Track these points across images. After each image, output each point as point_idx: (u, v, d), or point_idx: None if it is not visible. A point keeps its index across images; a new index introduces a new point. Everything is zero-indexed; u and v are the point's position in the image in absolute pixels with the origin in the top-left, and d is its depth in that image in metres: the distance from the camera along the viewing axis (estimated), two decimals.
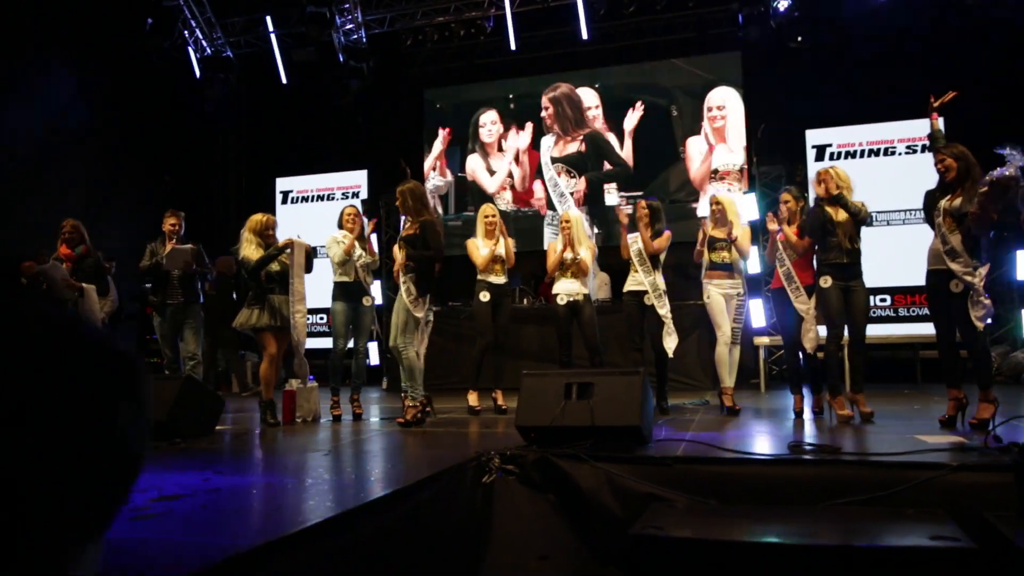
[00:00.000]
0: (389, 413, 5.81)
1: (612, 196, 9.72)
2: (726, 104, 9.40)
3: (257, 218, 5.48)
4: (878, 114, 8.25)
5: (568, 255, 5.71)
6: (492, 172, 10.19)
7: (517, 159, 10.15)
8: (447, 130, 10.41)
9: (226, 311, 8.35)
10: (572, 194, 9.80)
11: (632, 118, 9.70)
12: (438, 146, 10.44)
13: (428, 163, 10.46)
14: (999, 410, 4.14)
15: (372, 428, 5.06)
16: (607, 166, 9.77)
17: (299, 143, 10.65)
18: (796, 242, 4.98)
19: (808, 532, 2.71)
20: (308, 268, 5.48)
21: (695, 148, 9.53)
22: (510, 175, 10.14)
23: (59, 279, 5.89)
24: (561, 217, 5.95)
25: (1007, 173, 3.84)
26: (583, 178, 9.81)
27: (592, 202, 9.74)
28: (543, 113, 10.05)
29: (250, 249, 5.33)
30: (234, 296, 8.25)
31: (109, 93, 9.96)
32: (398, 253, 5.35)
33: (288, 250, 5.36)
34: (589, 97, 9.94)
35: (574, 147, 9.92)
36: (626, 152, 9.69)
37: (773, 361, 8.28)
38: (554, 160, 9.94)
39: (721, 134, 9.40)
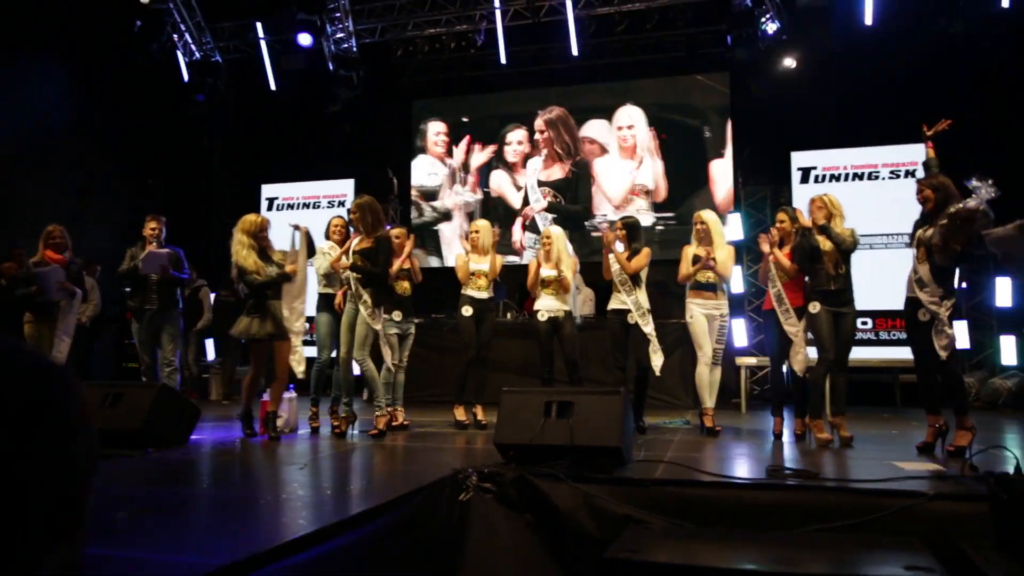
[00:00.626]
0: (366, 426, 5.76)
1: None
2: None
3: (250, 219, 5.19)
4: (863, 138, 8.34)
5: (550, 272, 5.70)
6: (519, 188, 10.16)
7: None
8: (491, 146, 10.27)
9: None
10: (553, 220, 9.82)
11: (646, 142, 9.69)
12: (455, 156, 10.36)
13: (441, 177, 10.43)
14: (976, 437, 4.16)
15: (350, 442, 5.00)
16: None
17: (286, 150, 10.60)
18: (787, 266, 5.00)
19: (784, 559, 2.70)
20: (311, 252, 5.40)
21: (719, 171, 9.51)
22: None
23: (55, 283, 5.84)
24: (543, 233, 5.94)
25: (969, 206, 3.89)
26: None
27: (572, 226, 9.76)
28: (536, 135, 10.02)
29: (244, 253, 5.02)
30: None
31: (95, 96, 9.88)
32: (346, 266, 5.24)
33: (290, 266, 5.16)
34: (628, 116, 9.79)
35: (558, 172, 9.93)
36: (649, 173, 9.62)
37: (755, 381, 8.30)
38: (540, 183, 9.94)
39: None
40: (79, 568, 0.64)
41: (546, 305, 5.71)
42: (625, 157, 9.69)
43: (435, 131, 10.44)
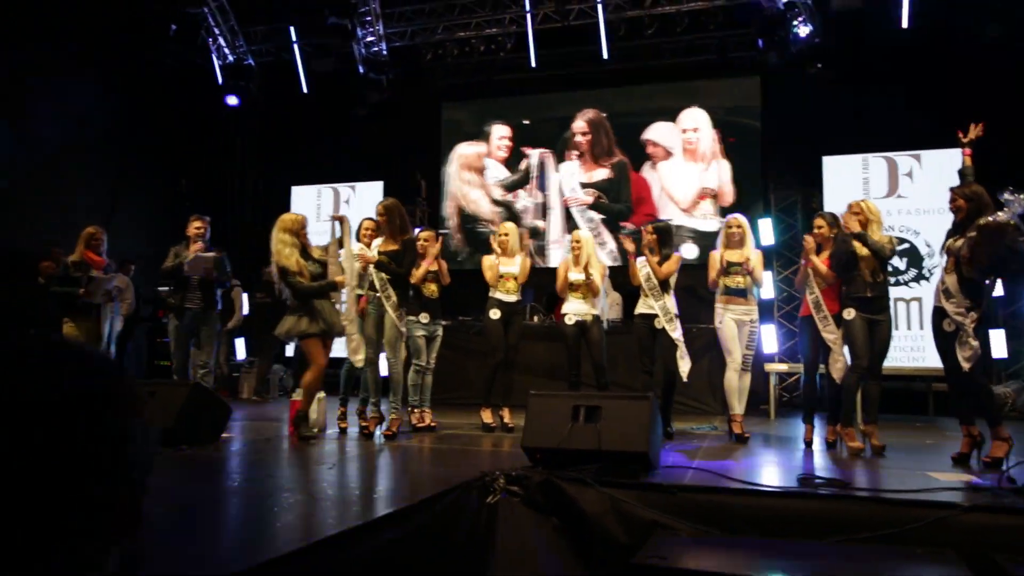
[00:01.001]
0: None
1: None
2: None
3: (290, 217, 5.20)
4: (896, 143, 8.21)
5: (578, 276, 5.70)
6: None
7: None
8: (545, 151, 10.16)
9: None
10: (603, 220, 9.75)
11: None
12: (495, 159, 10.34)
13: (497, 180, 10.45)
14: (1013, 448, 4.07)
15: (377, 443, 5.04)
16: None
17: (316, 152, 10.70)
18: (825, 272, 4.94)
19: (815, 569, 2.67)
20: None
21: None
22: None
23: (103, 291, 6.01)
24: (572, 237, 5.93)
25: (999, 219, 3.83)
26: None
27: (613, 227, 9.71)
28: (578, 137, 9.91)
29: (286, 252, 4.99)
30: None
31: (130, 97, 10.06)
32: (372, 259, 5.27)
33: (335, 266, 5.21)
34: (693, 119, 9.61)
35: (602, 173, 9.85)
36: (715, 176, 9.48)
37: (784, 388, 8.21)
38: (584, 185, 9.89)
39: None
40: (140, 564, 0.67)
41: (574, 309, 5.71)
42: (690, 160, 9.53)
43: (499, 135, 10.36)
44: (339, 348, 5.63)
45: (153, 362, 9.50)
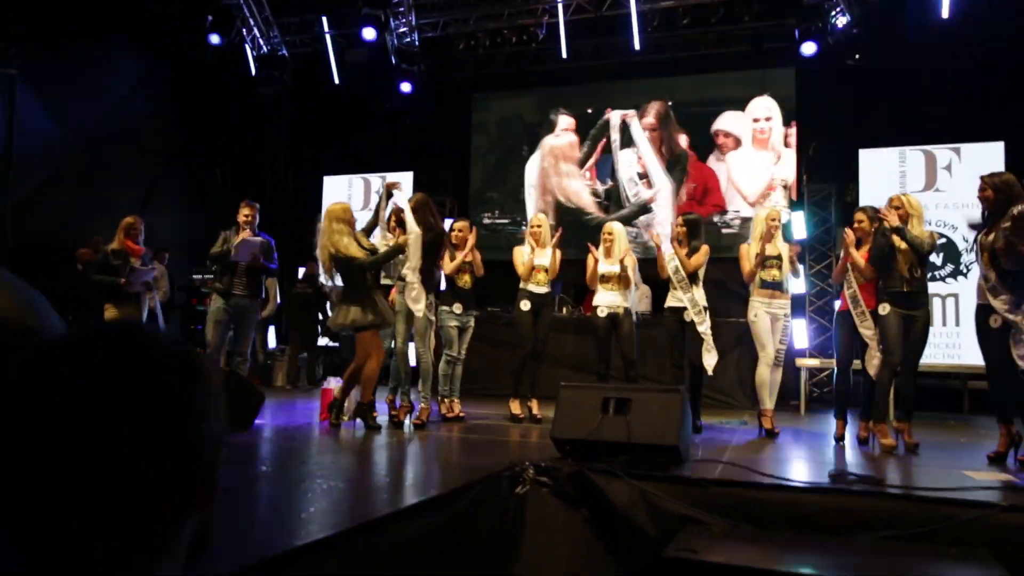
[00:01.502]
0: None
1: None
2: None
3: (339, 206, 5.10)
4: (934, 137, 8.05)
5: (612, 267, 5.68)
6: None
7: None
8: (629, 112, 9.90)
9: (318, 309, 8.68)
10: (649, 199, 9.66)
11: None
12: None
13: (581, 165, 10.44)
14: None
15: (407, 432, 5.08)
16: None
17: (347, 143, 10.79)
18: (864, 267, 4.88)
19: (846, 566, 2.65)
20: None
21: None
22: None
23: (142, 283, 6.20)
24: (604, 229, 5.88)
25: None
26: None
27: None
28: (647, 132, 9.80)
29: (345, 242, 4.89)
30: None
31: (167, 86, 10.23)
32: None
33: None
34: (765, 108, 9.41)
35: (662, 162, 9.74)
36: (786, 167, 9.27)
37: (815, 383, 8.13)
38: (641, 176, 9.77)
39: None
40: (211, 534, 0.72)
41: (606, 301, 5.68)
42: (760, 149, 9.35)
43: (563, 126, 10.26)
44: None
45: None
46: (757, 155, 9.33)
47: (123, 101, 9.52)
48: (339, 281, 5.16)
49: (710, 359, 5.35)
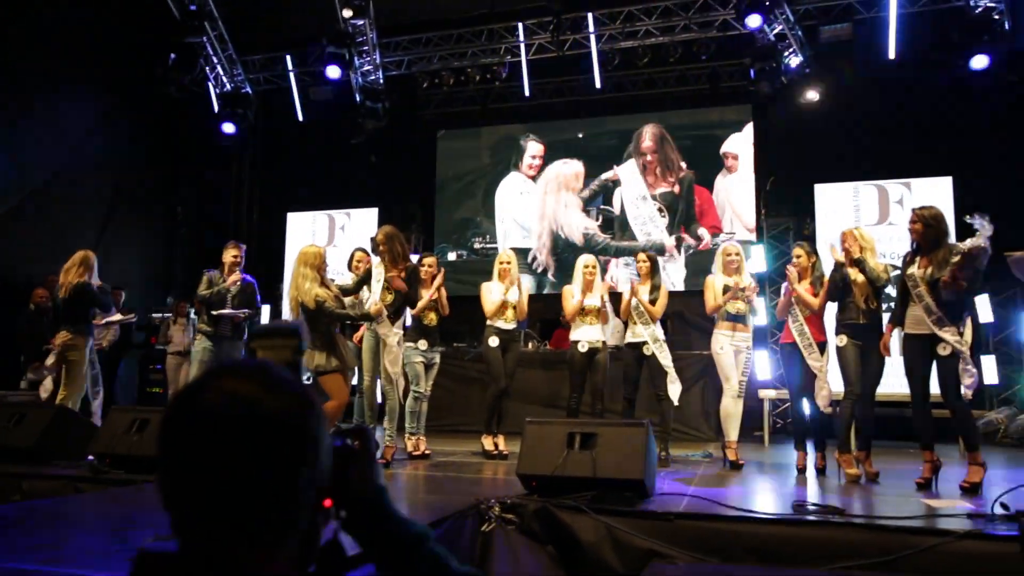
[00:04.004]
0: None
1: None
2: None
3: (312, 251, 4.97)
4: (886, 172, 8.32)
5: (594, 302, 5.69)
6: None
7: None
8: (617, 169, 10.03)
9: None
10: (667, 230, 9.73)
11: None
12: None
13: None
14: (1003, 476, 4.11)
15: None
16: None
17: (312, 179, 10.77)
18: (810, 301, 5.00)
19: None
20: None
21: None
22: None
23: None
24: (585, 263, 5.79)
25: (978, 244, 3.92)
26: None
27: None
28: (646, 155, 9.88)
29: (306, 287, 4.78)
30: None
31: (127, 124, 10.14)
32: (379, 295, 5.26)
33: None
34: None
35: (667, 186, 9.84)
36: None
37: (777, 414, 8.22)
38: (647, 198, 9.87)
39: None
40: (317, 544, 0.92)
41: (588, 335, 5.67)
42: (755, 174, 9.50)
43: (532, 153, 10.36)
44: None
45: (144, 389, 9.43)
46: (753, 180, 9.53)
47: (82, 139, 9.40)
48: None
49: (675, 389, 5.42)
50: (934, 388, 4.40)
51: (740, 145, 9.63)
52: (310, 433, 0.83)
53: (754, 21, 8.00)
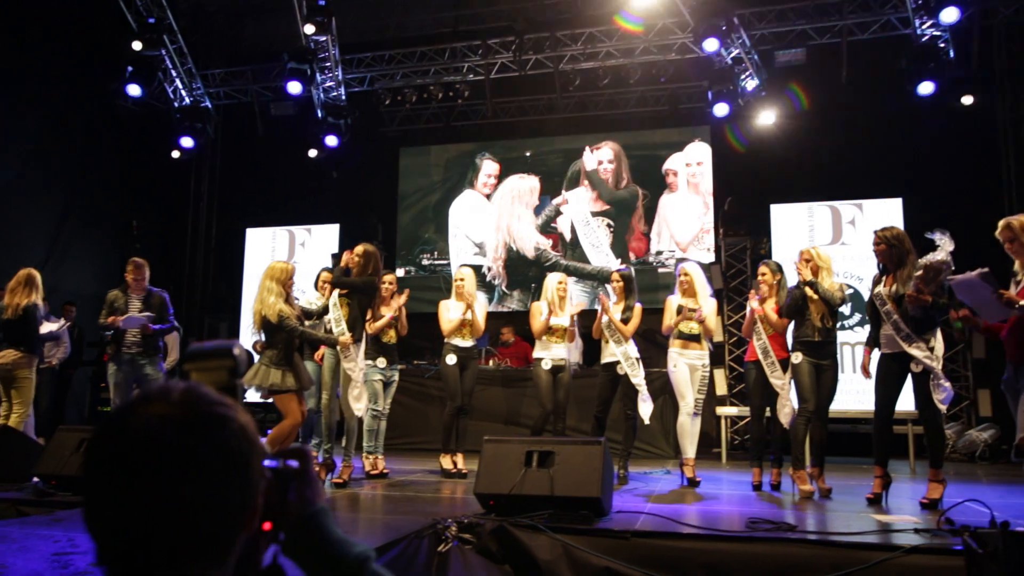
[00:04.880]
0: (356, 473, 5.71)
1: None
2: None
3: (280, 266, 4.89)
4: (839, 193, 8.54)
5: (562, 320, 5.70)
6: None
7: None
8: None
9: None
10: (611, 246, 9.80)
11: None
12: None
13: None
14: (950, 491, 4.21)
15: (328, 492, 4.95)
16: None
17: (272, 195, 10.67)
18: (775, 321, 5.07)
19: None
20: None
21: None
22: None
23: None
24: (558, 279, 5.83)
25: (939, 258, 4.03)
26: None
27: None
28: (605, 165, 9.92)
29: (271, 301, 4.71)
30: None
31: (82, 136, 9.94)
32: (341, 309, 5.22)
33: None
34: (698, 153, 9.70)
35: (615, 201, 9.90)
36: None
37: (735, 431, 8.32)
38: (595, 214, 9.90)
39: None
40: (259, 560, 0.91)
41: (553, 354, 5.67)
42: (693, 193, 9.61)
43: (487, 172, 10.37)
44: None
45: (96, 408, 9.19)
46: (690, 198, 9.65)
47: (35, 151, 9.18)
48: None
49: (646, 408, 5.43)
50: (900, 406, 4.49)
51: (679, 164, 9.77)
52: (241, 456, 0.82)
53: (711, 45, 8.17)
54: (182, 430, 0.79)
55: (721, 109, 8.65)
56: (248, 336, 8.63)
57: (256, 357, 4.97)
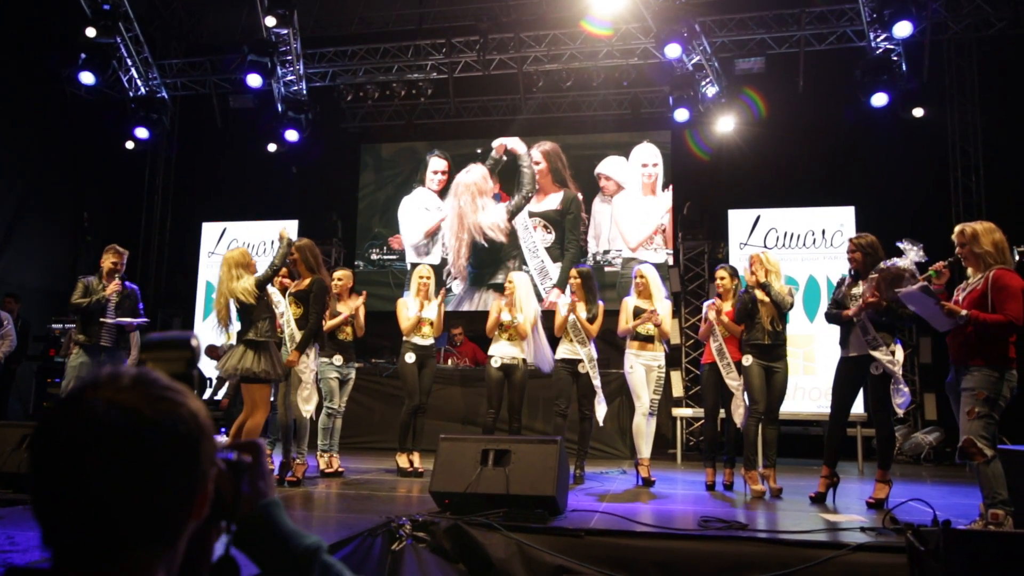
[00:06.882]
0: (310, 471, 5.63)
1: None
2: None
3: (236, 252, 4.81)
4: (793, 200, 8.70)
5: (507, 317, 5.67)
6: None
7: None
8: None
9: None
10: (547, 249, 9.81)
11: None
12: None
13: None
14: (896, 491, 4.32)
15: (283, 488, 4.88)
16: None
17: (230, 189, 10.48)
18: (733, 328, 5.15)
19: None
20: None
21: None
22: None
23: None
24: (507, 278, 5.82)
25: (898, 265, 4.08)
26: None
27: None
28: (536, 167, 9.95)
29: (251, 279, 4.68)
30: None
31: (32, 124, 9.65)
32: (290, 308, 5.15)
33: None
34: (650, 154, 9.82)
35: (553, 203, 9.92)
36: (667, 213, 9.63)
37: (690, 432, 8.42)
38: (531, 214, 9.92)
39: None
40: (210, 552, 0.92)
41: (500, 351, 5.62)
42: (647, 194, 9.70)
43: (434, 168, 10.31)
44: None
45: (42, 404, 8.92)
46: (644, 200, 9.73)
47: None
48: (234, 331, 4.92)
49: (601, 410, 5.46)
50: (855, 410, 4.59)
51: (618, 167, 9.87)
52: (190, 440, 0.82)
53: (673, 51, 8.26)
54: (131, 413, 0.79)
55: (682, 115, 8.75)
56: (204, 331, 8.48)
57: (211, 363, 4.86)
